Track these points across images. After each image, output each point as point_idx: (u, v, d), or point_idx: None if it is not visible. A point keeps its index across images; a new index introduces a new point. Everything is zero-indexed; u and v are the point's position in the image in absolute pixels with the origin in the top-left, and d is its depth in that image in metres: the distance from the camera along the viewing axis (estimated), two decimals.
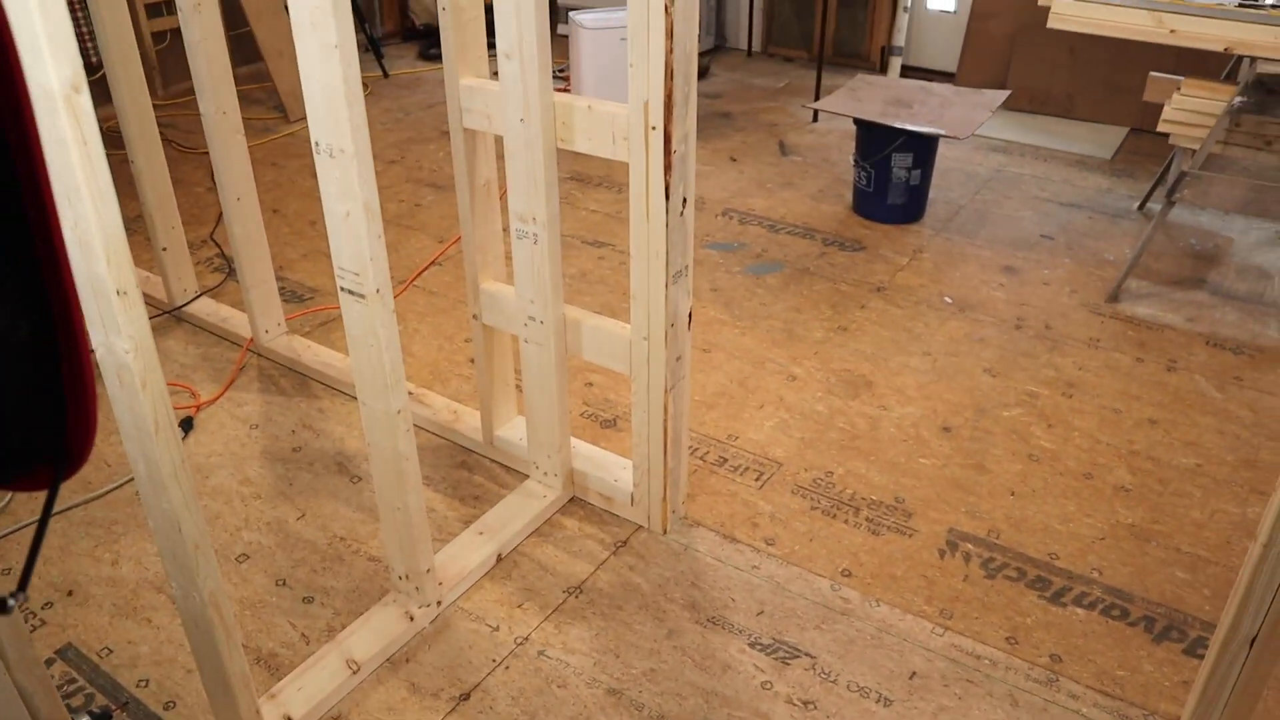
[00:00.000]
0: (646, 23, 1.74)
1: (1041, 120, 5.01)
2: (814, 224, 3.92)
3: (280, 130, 5.01)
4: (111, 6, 2.92)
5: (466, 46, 2.07)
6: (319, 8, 1.52)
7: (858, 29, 5.73)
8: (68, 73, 1.31)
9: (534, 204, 2.04)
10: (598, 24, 4.28)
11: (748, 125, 4.96)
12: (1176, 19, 3.30)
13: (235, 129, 2.92)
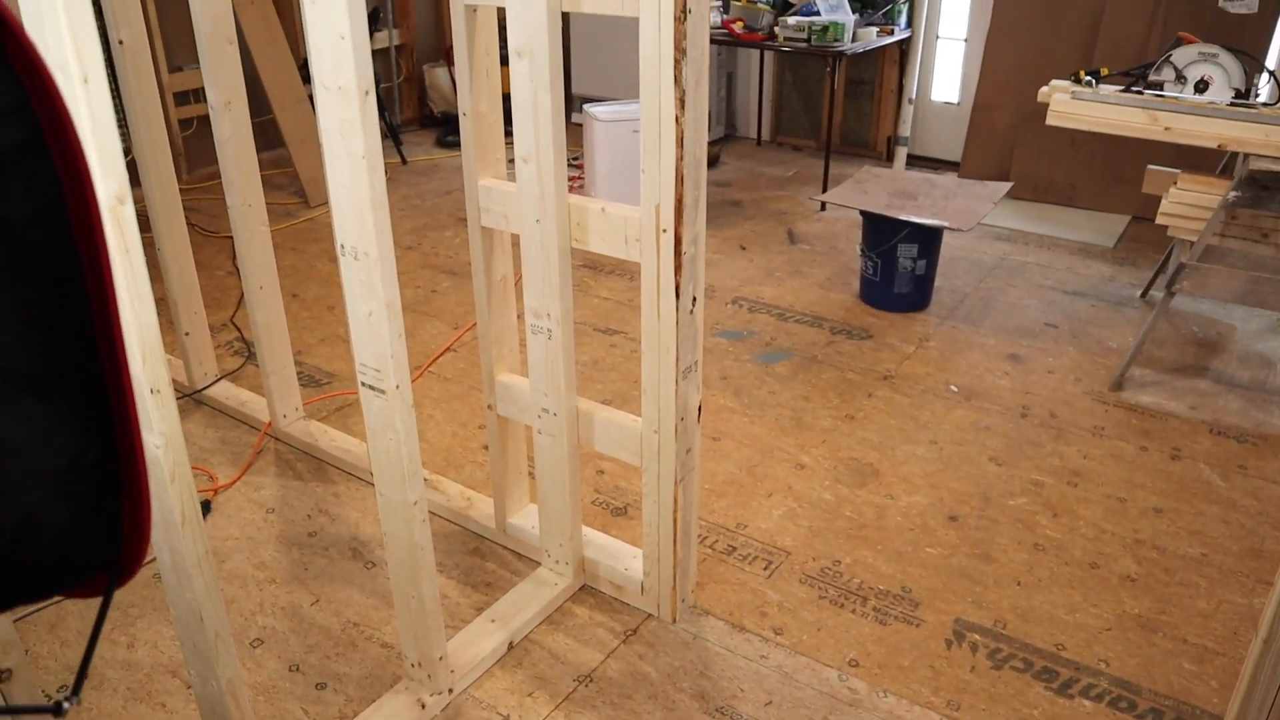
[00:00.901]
0: (658, 131, 1.83)
1: (1044, 209, 5.11)
2: (822, 312, 3.99)
3: (300, 215, 5.14)
4: (144, 96, 3.05)
5: (485, 150, 2.17)
6: (348, 120, 1.61)
7: (864, 119, 5.88)
8: (114, 186, 1.40)
9: (549, 300, 2.11)
10: (611, 116, 4.42)
11: (757, 213, 5.08)
12: (1171, 117, 3.41)
13: (260, 220, 3.03)
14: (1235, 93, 3.52)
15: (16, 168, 0.60)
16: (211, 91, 2.85)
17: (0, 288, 0.60)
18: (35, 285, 0.62)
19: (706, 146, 1.91)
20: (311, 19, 1.59)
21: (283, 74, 5.35)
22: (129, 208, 1.41)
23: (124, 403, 0.69)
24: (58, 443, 0.66)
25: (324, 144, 1.68)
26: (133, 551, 0.73)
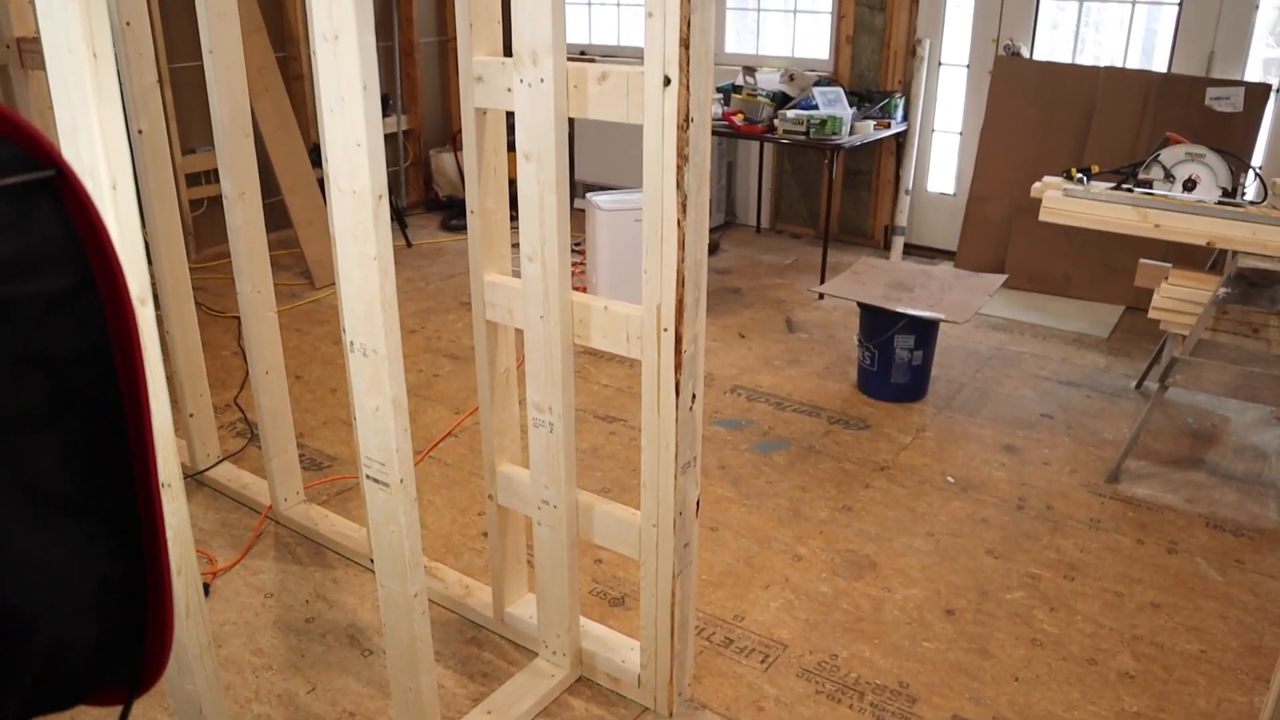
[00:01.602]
0: (660, 234, 1.89)
1: (1039, 299, 5.19)
2: (820, 401, 4.04)
3: (306, 297, 5.22)
4: (160, 181, 3.14)
5: (492, 245, 2.23)
6: (361, 223, 1.67)
7: (862, 208, 5.99)
8: (136, 288, 1.45)
9: (551, 395, 2.16)
10: (613, 205, 4.51)
11: (756, 301, 5.15)
12: (1160, 214, 3.49)
13: (268, 306, 3.09)
14: (1223, 191, 3.61)
15: (67, 310, 0.64)
16: (226, 182, 2.93)
17: (46, 423, 0.64)
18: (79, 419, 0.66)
19: (707, 247, 1.97)
20: (329, 126, 1.65)
21: (293, 159, 5.47)
22: (149, 308, 1.46)
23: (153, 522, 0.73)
24: (89, 563, 0.69)
25: (337, 244, 1.73)
26: (154, 664, 0.76)
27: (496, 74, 2.06)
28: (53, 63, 1.41)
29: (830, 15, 5.88)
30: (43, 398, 0.64)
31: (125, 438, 0.70)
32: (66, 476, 0.66)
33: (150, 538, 0.72)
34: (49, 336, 0.64)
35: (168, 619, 0.75)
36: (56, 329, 0.64)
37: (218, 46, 2.80)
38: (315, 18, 1.62)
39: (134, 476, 0.70)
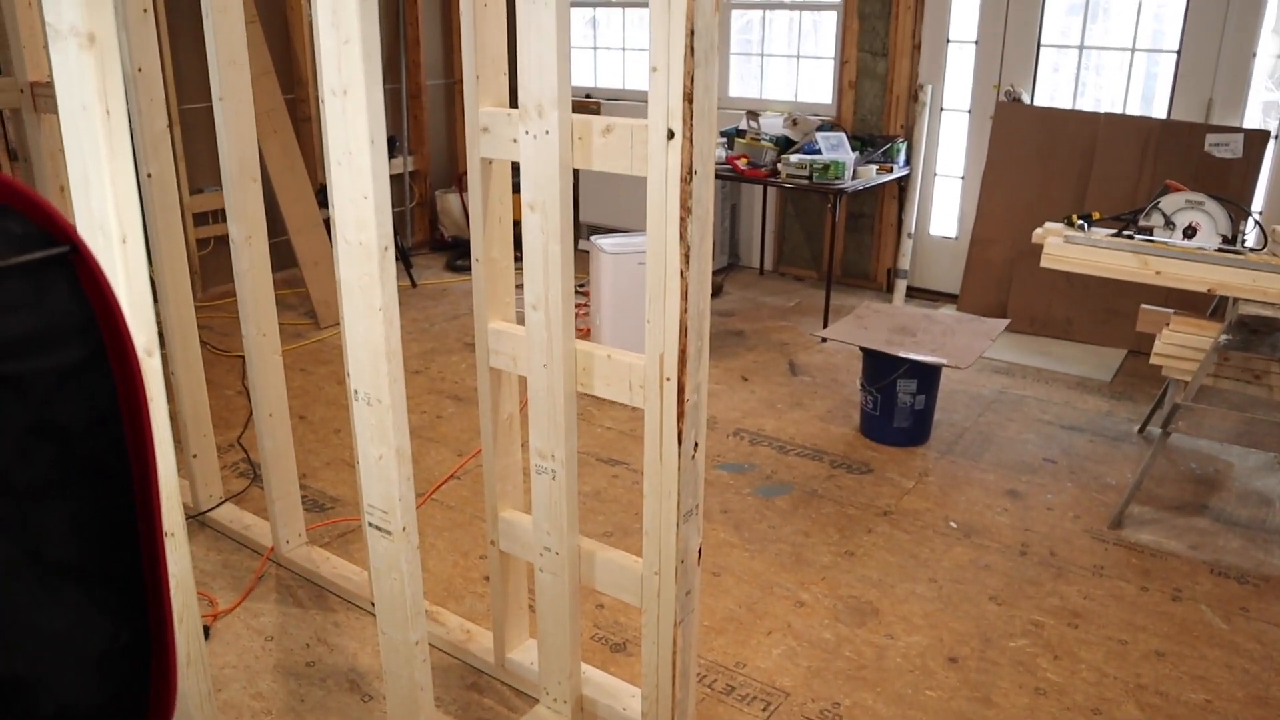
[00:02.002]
0: (664, 284, 1.91)
1: (1042, 342, 5.20)
2: (822, 445, 4.04)
3: (311, 336, 5.24)
4: (168, 223, 3.18)
5: (496, 294, 2.25)
6: (367, 274, 1.69)
7: (865, 252, 6.02)
8: (143, 339, 1.46)
9: (553, 442, 2.17)
10: (617, 249, 4.54)
11: (759, 344, 5.17)
12: (1161, 261, 3.51)
13: (273, 349, 3.10)
14: (1222, 239, 3.63)
15: (79, 383, 0.65)
16: (234, 226, 2.96)
17: (55, 492, 0.65)
18: (87, 488, 0.67)
19: (710, 296, 1.99)
20: (337, 178, 1.68)
21: (300, 200, 5.52)
22: (156, 360, 1.48)
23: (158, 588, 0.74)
24: (95, 629, 0.70)
25: (343, 294, 1.75)
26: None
27: (502, 125, 2.09)
28: (67, 118, 1.43)
29: (833, 61, 5.95)
30: (52, 468, 0.66)
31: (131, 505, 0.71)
32: (73, 544, 0.67)
33: (155, 603, 0.73)
34: (60, 408, 0.65)
35: (171, 680, 0.76)
36: (68, 400, 0.65)
37: (228, 94, 2.84)
38: (325, 72, 1.65)
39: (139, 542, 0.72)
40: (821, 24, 6.10)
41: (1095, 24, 5.33)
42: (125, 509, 0.70)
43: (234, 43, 2.82)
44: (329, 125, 1.65)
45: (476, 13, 2.10)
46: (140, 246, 1.44)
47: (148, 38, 3.07)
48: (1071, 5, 5.30)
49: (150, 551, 0.73)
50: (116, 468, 0.68)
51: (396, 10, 6.57)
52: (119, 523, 0.70)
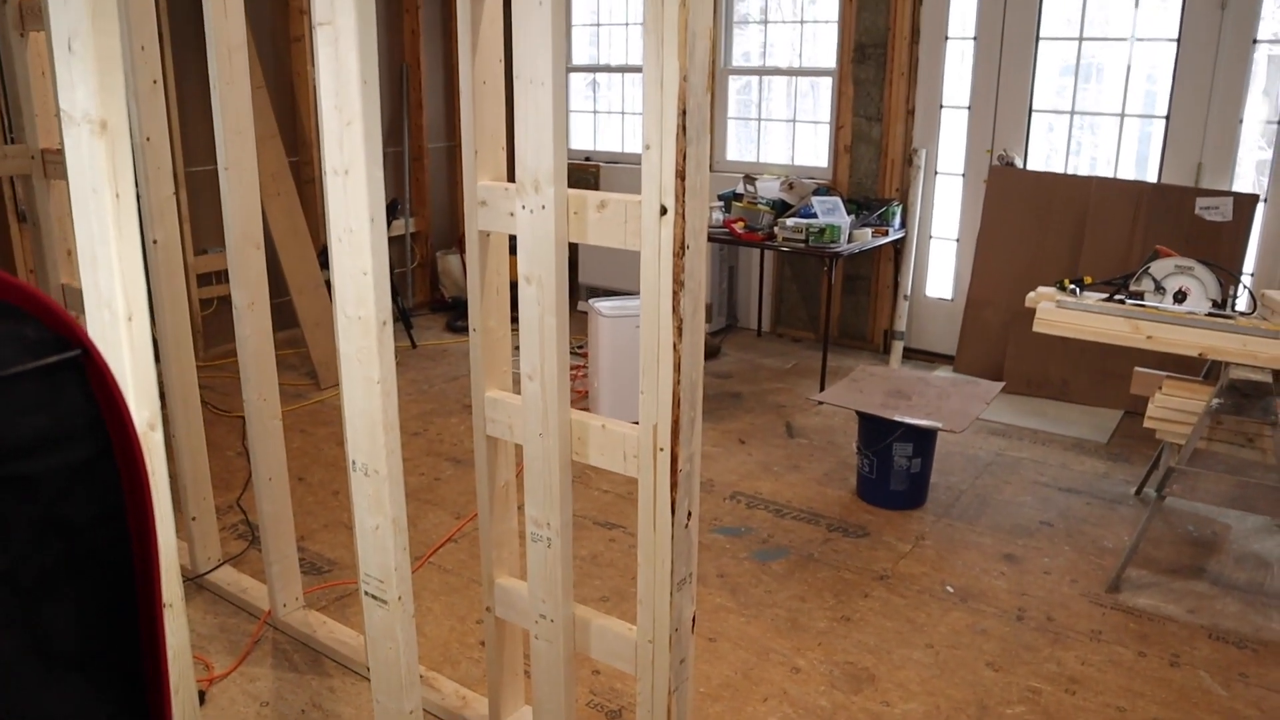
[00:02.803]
0: (656, 356, 1.94)
1: (1038, 403, 5.23)
2: (819, 508, 4.05)
3: (311, 397, 5.28)
4: (172, 287, 3.22)
5: (493, 363, 2.29)
6: (365, 348, 1.73)
7: (861, 313, 6.08)
8: (146, 414, 1.50)
9: (549, 511, 2.19)
10: (615, 312, 4.59)
11: (756, 406, 5.20)
12: (1152, 326, 3.55)
13: (273, 414, 3.13)
14: (1212, 303, 3.68)
15: (86, 479, 0.68)
16: (237, 293, 3.00)
17: (61, 584, 0.68)
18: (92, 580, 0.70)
19: (702, 369, 2.02)
20: (337, 254, 1.72)
21: (302, 261, 5.59)
22: (158, 433, 1.51)
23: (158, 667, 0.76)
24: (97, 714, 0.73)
25: (342, 366, 1.79)
26: None
27: (500, 199, 2.14)
28: (77, 198, 1.48)
29: (829, 125, 6.06)
30: (59, 562, 0.68)
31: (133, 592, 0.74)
32: (77, 635, 0.70)
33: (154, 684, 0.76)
34: (69, 504, 0.68)
35: None
36: (76, 497, 0.68)
37: (233, 164, 2.90)
38: (327, 151, 1.70)
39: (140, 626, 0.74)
40: (818, 89, 6.22)
41: (1088, 87, 5.44)
42: (127, 597, 0.73)
43: (240, 114, 2.89)
44: (330, 203, 1.70)
45: (476, 90, 2.16)
46: (146, 325, 1.48)
47: (156, 108, 3.15)
48: (1063, 70, 5.41)
49: (150, 634, 0.75)
50: (120, 559, 0.71)
51: (400, 75, 6.70)
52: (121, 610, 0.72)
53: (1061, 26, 5.34)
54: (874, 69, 5.74)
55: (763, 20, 6.43)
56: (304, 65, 6.01)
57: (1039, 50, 5.38)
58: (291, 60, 6.08)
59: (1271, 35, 4.90)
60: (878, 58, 5.72)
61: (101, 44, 1.40)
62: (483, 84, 2.15)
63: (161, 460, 1.53)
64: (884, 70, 5.71)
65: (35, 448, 0.66)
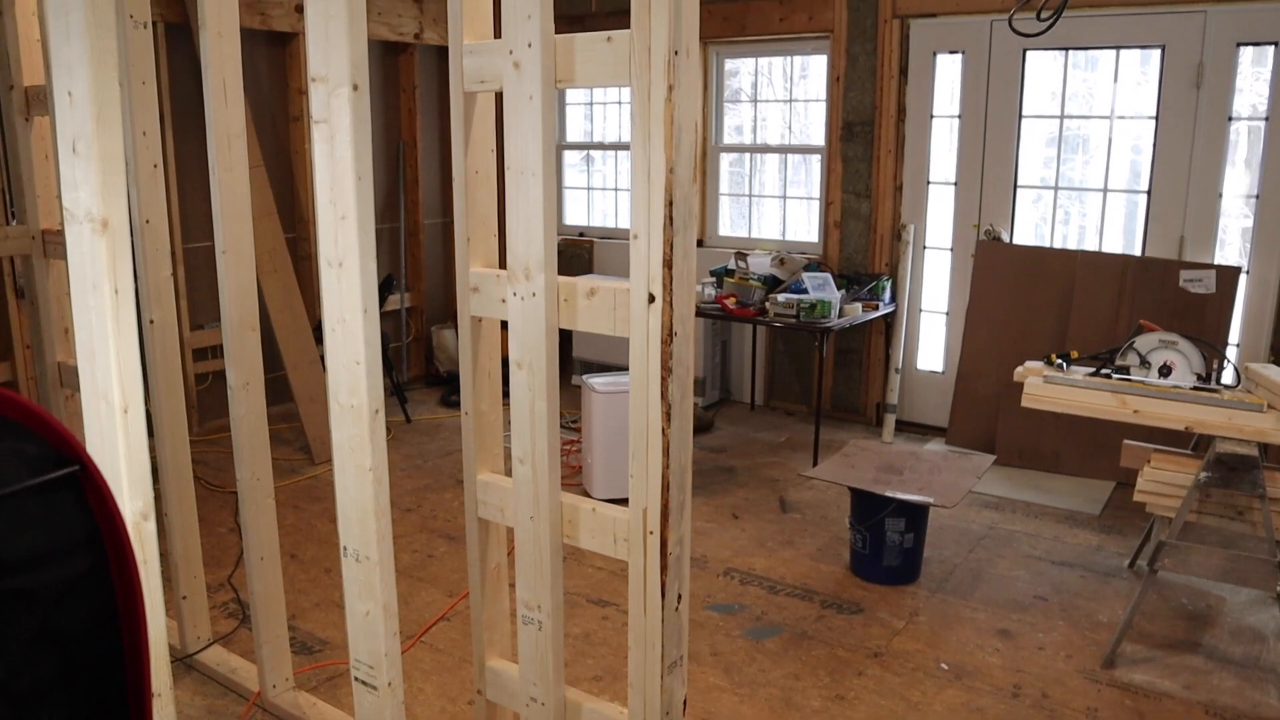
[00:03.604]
0: (646, 441, 1.97)
1: (1030, 475, 5.24)
2: (813, 584, 4.04)
3: (305, 472, 5.28)
4: (167, 365, 3.25)
5: (485, 447, 2.31)
6: (357, 435, 1.75)
7: (853, 386, 6.12)
8: (140, 505, 1.52)
9: (540, 593, 2.20)
10: (608, 388, 4.62)
11: (749, 480, 5.21)
12: (1139, 400, 3.59)
13: (267, 494, 3.14)
14: (1197, 377, 3.72)
15: (82, 592, 0.71)
16: (232, 373, 3.03)
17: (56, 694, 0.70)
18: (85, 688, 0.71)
19: (691, 453, 2.05)
20: (331, 343, 1.76)
21: (297, 336, 5.63)
22: (151, 523, 1.53)
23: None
24: None
25: (335, 453, 1.81)
26: None
27: (491, 285, 2.18)
28: (77, 294, 1.52)
29: (819, 201, 6.16)
30: (54, 671, 0.70)
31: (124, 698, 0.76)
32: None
33: None
34: (64, 616, 0.70)
35: None
36: (72, 609, 0.70)
37: (230, 247, 2.95)
38: (322, 244, 1.75)
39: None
40: (808, 165, 6.34)
41: (1074, 157, 5.55)
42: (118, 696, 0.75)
43: (238, 199, 2.95)
44: (324, 293, 1.74)
45: (468, 179, 2.22)
46: (141, 416, 1.51)
47: (156, 192, 3.21)
48: (1049, 140, 5.53)
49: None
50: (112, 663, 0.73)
51: (397, 152, 6.81)
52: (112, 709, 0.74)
53: (1044, 104, 5.47)
54: (862, 146, 5.86)
55: (753, 99, 6.58)
56: (302, 143, 6.11)
57: (1022, 127, 5.50)
58: (290, 138, 6.19)
59: (1250, 109, 5.02)
60: (865, 135, 5.84)
61: (105, 147, 1.45)
62: (475, 173, 2.21)
63: (154, 550, 1.55)
64: (872, 148, 5.83)
65: (33, 563, 0.69)
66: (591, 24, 6.70)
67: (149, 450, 1.64)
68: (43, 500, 0.70)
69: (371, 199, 1.68)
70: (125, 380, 1.48)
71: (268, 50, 6.03)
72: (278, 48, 6.09)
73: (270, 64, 6.07)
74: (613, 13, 6.60)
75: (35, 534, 0.69)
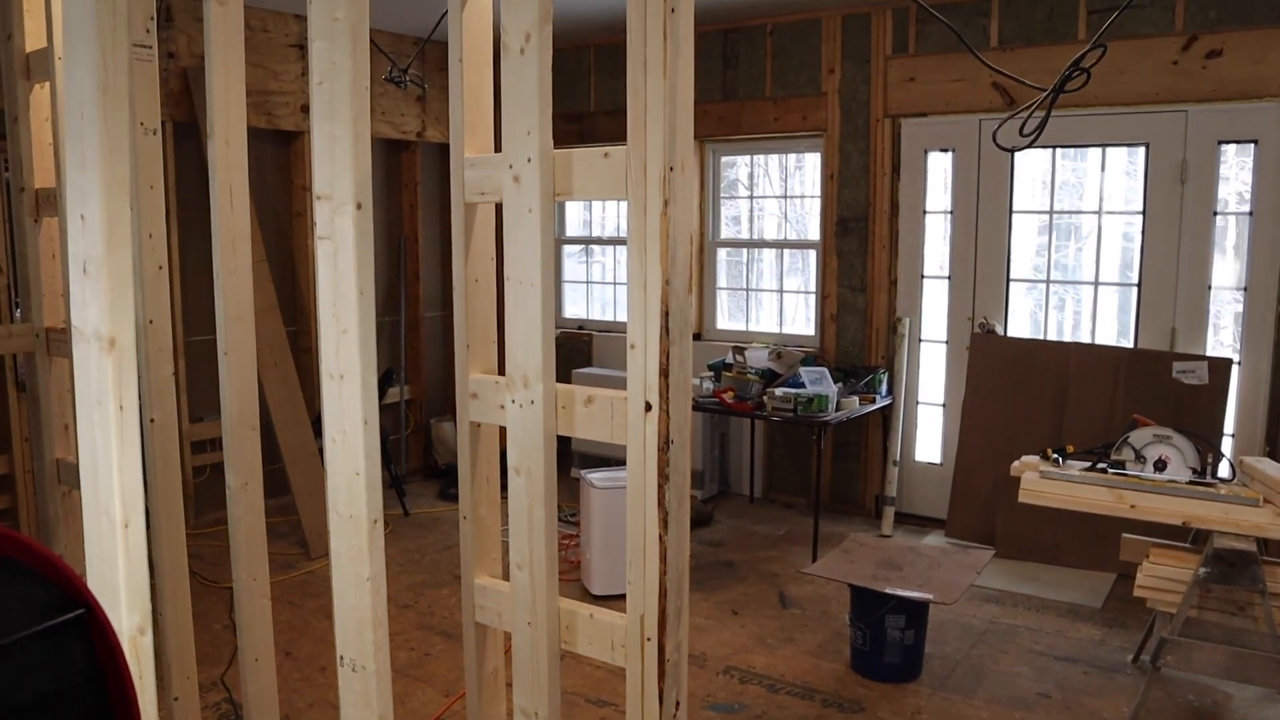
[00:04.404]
0: (644, 548, 1.98)
1: (1031, 567, 5.21)
2: (814, 682, 3.99)
3: (300, 567, 5.25)
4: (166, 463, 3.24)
5: (483, 551, 2.32)
6: (356, 546, 1.77)
7: (852, 479, 6.12)
8: (137, 619, 1.52)
9: (536, 700, 2.18)
10: (607, 484, 4.63)
11: (749, 575, 5.17)
12: (1135, 496, 3.60)
13: (263, 594, 3.13)
14: (1193, 471, 3.73)
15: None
16: (231, 474, 3.04)
17: None
18: None
19: (688, 557, 2.05)
20: (331, 454, 1.78)
21: (296, 430, 5.65)
22: (148, 638, 1.53)
23: None
24: None
25: (333, 562, 1.82)
26: None
27: (490, 392, 2.21)
28: (82, 409, 1.55)
29: (815, 295, 6.24)
30: None
31: None
32: None
33: None
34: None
35: None
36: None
37: (233, 348, 2.99)
38: (324, 355, 1.78)
39: None
40: (804, 259, 6.43)
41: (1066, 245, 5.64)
42: None
43: (241, 301, 3.00)
44: (326, 405, 1.77)
45: (468, 287, 2.26)
46: (141, 531, 1.52)
47: (160, 294, 3.26)
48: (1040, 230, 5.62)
49: None
50: None
51: (398, 246, 6.92)
52: None
53: (1034, 195, 5.59)
54: (857, 241, 5.96)
55: (750, 192, 6.70)
56: (304, 238, 6.21)
57: (1013, 222, 5.60)
58: (293, 233, 6.30)
59: (1236, 199, 5.12)
60: (860, 230, 5.94)
61: (114, 269, 1.49)
62: (475, 281, 2.26)
63: (150, 664, 1.55)
64: (866, 242, 5.92)
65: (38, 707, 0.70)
66: (589, 122, 6.86)
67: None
68: (48, 645, 0.72)
69: (373, 313, 1.72)
70: (127, 496, 1.50)
71: (273, 148, 6.16)
72: (282, 145, 6.23)
73: (275, 161, 6.20)
74: (611, 111, 6.77)
75: (41, 679, 0.71)
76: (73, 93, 1.54)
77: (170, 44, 5.44)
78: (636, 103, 1.89)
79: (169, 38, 5.43)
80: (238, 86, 2.94)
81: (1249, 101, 4.88)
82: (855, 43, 5.86)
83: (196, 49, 5.53)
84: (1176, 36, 4.98)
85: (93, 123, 1.45)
